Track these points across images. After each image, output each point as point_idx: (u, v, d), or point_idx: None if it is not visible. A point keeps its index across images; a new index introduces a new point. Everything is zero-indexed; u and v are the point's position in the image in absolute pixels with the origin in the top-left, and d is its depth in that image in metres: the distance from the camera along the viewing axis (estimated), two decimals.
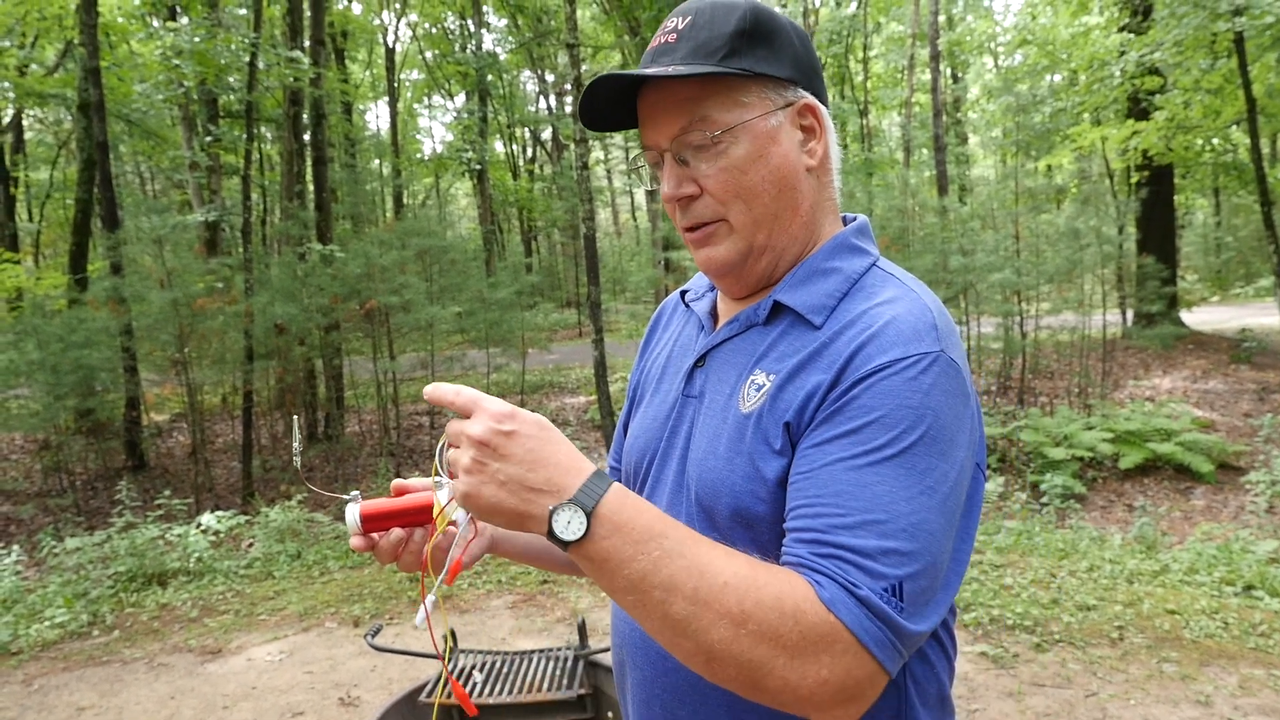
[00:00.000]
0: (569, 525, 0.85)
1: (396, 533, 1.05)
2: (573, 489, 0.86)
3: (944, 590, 0.90)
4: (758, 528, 0.97)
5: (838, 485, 0.88)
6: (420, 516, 1.06)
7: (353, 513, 1.04)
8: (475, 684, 2.97)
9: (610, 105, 1.07)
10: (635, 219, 37.13)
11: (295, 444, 1.16)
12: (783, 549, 0.91)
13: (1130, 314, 13.28)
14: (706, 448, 1.03)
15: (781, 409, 0.96)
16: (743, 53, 1.00)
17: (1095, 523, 6.81)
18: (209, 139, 13.14)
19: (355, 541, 1.05)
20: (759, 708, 0.97)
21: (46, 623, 5.25)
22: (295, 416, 1.15)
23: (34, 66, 16.42)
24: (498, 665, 3.11)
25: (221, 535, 6.82)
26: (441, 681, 2.99)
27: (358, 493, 1.07)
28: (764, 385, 1.00)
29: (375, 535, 1.05)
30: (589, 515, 0.85)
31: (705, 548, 0.87)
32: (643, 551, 0.85)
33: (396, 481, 1.09)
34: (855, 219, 1.13)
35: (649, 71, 0.99)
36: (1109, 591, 4.80)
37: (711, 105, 1.01)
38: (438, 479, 1.08)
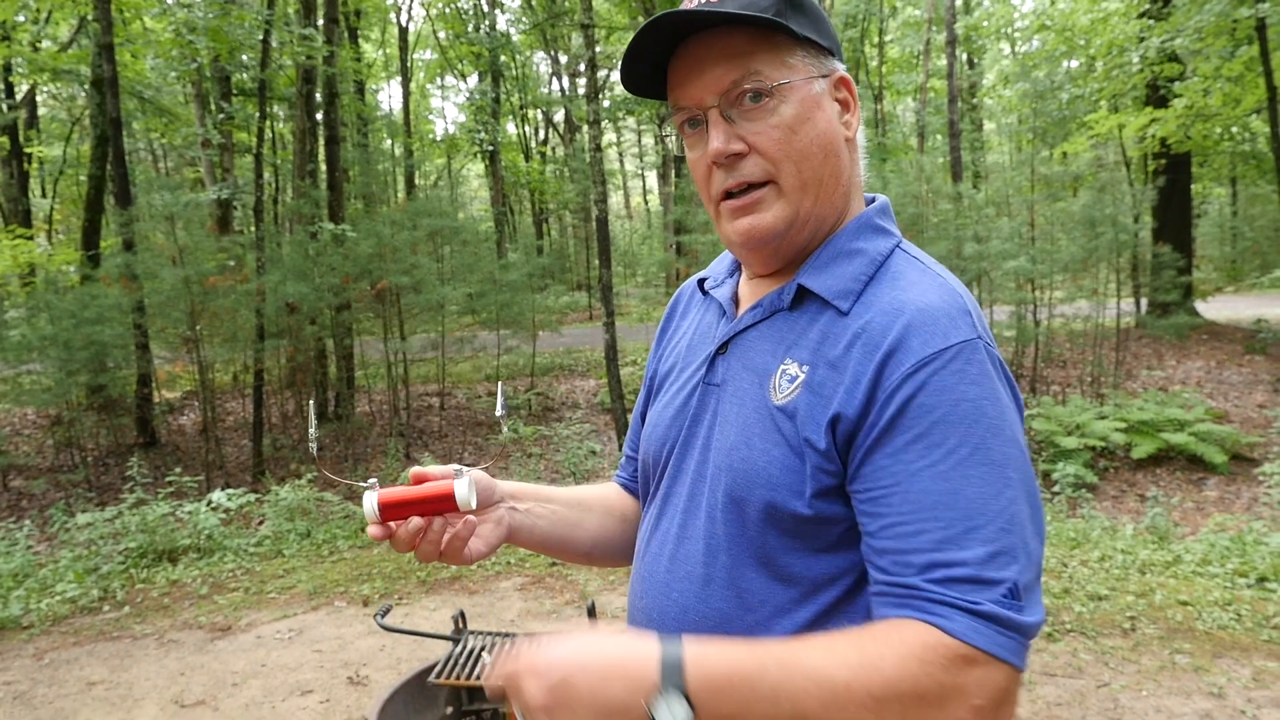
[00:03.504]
0: (674, 713, 0.82)
1: (415, 521, 1.03)
2: (653, 678, 0.83)
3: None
4: (789, 523, 0.95)
5: (929, 497, 0.87)
6: (440, 505, 1.04)
7: (371, 501, 1.02)
8: (485, 665, 2.96)
9: (659, 57, 1.03)
10: (647, 202, 37.02)
11: (311, 429, 1.14)
12: (884, 572, 0.89)
13: (1145, 303, 13.18)
14: (737, 438, 1.00)
15: (821, 405, 0.94)
16: (788, 16, 0.97)
17: (1107, 512, 6.77)
18: (221, 116, 13.11)
19: (373, 530, 1.03)
20: None
21: (57, 597, 5.29)
22: (310, 401, 1.14)
23: (48, 42, 16.40)
24: (508, 647, 3.10)
25: (232, 513, 6.85)
26: (451, 662, 2.99)
27: (375, 480, 1.05)
28: (798, 377, 0.97)
29: (393, 524, 1.03)
30: (685, 693, 0.82)
31: (804, 655, 0.84)
32: (756, 695, 0.83)
33: (415, 469, 1.07)
34: (876, 199, 1.11)
35: (717, 6, 0.95)
36: (1121, 582, 4.78)
37: (763, 61, 0.98)
38: (458, 467, 1.06)
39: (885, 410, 0.89)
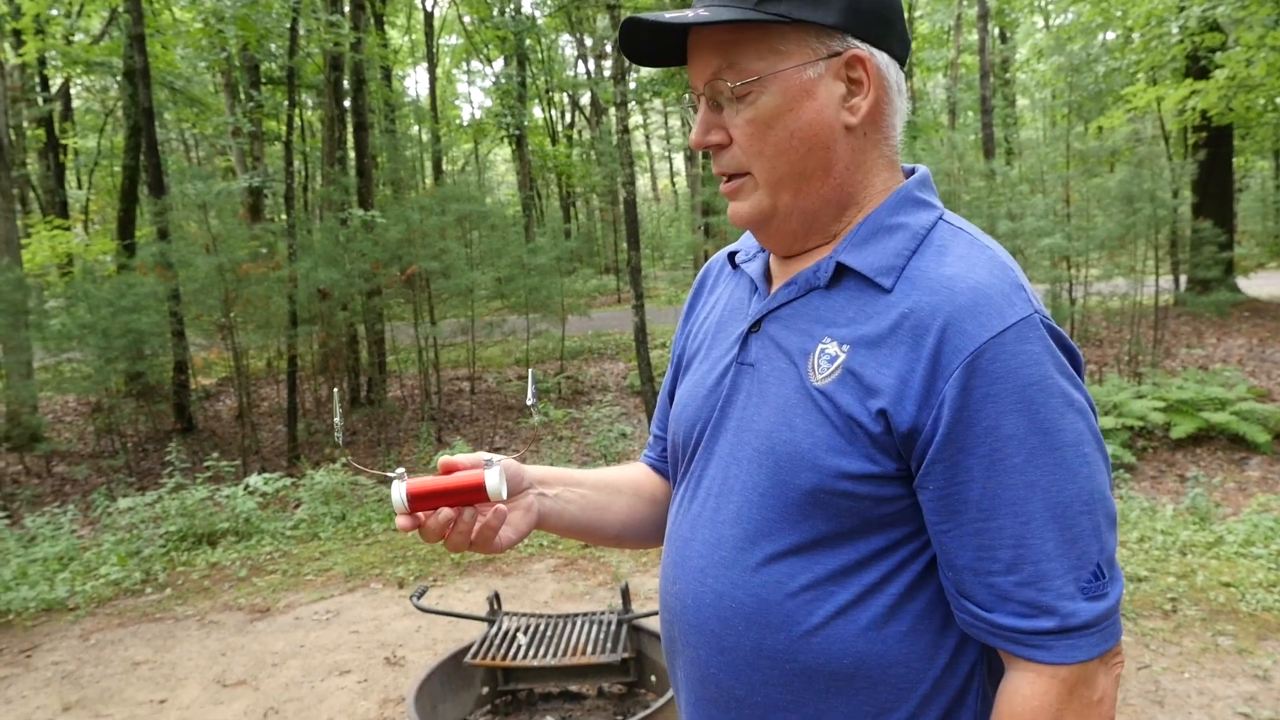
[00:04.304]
0: None
1: (445, 512, 1.02)
2: None
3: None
4: (835, 505, 0.93)
5: (1007, 492, 0.87)
6: (470, 495, 1.02)
7: (399, 491, 1.00)
8: (520, 646, 2.98)
9: (653, 40, 1.02)
10: (674, 184, 36.86)
11: (336, 418, 1.13)
12: (967, 597, 0.92)
13: (1184, 280, 12.91)
14: (777, 420, 0.97)
15: (867, 388, 0.91)
16: None
17: (1146, 493, 6.66)
18: (251, 105, 13.21)
19: (402, 521, 1.02)
20: (816, 686, 0.95)
21: (101, 579, 5.40)
22: (335, 390, 1.13)
23: (80, 35, 16.61)
24: (542, 628, 3.12)
25: (268, 497, 6.94)
26: (487, 643, 3.01)
27: (403, 470, 1.04)
28: (838, 357, 0.94)
29: (422, 515, 1.02)
30: None
31: None
32: None
33: (444, 459, 1.05)
34: (915, 170, 1.06)
35: (666, 18, 0.93)
36: (1161, 563, 4.70)
37: (744, 51, 0.95)
38: (488, 456, 1.04)
39: (947, 405, 0.87)
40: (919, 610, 0.94)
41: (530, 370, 1.26)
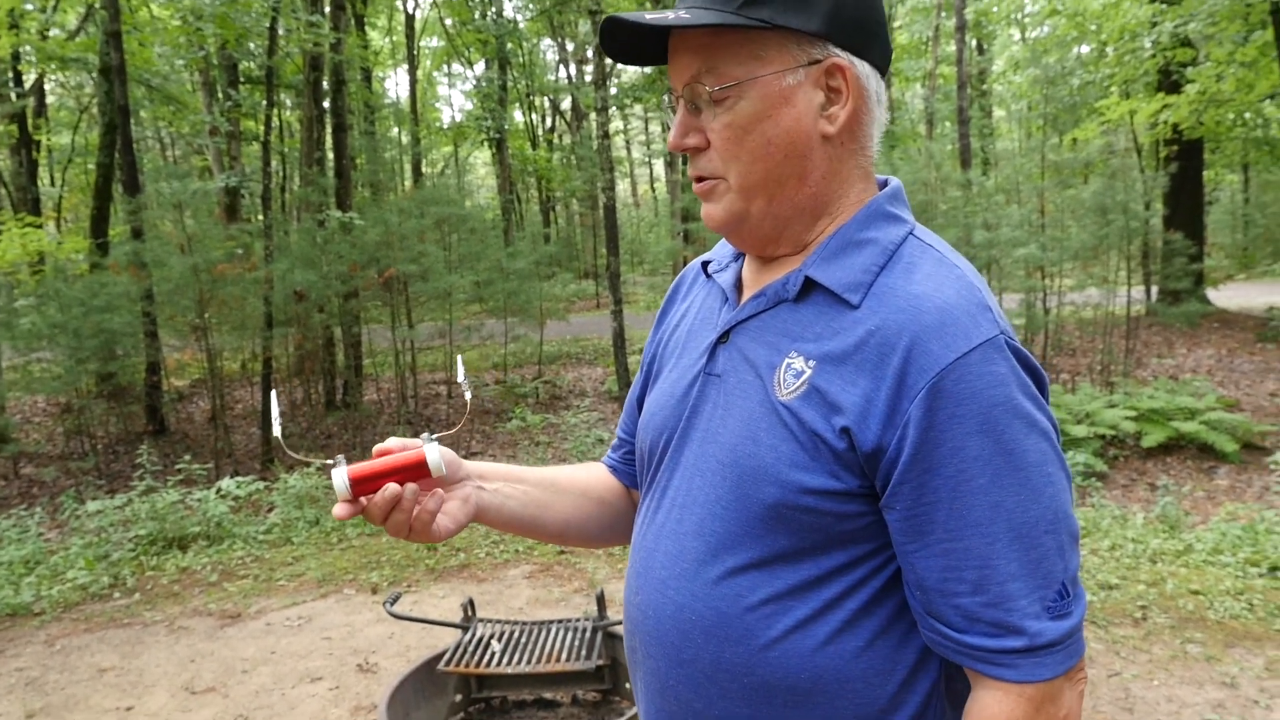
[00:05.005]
0: None
1: (391, 488, 1.02)
2: None
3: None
4: (797, 520, 0.93)
5: (972, 513, 0.87)
6: (412, 473, 1.03)
7: (340, 476, 1.01)
8: (494, 653, 2.97)
9: (634, 40, 1.01)
10: (654, 190, 36.91)
11: (274, 414, 1.14)
12: (936, 617, 0.92)
13: (1155, 290, 13.10)
14: (742, 433, 0.97)
15: (831, 405, 0.91)
16: (767, 1, 0.92)
17: (1117, 501, 6.74)
18: (229, 104, 13.11)
19: (340, 509, 1.01)
20: (775, 700, 0.95)
21: (68, 584, 5.31)
22: (274, 391, 1.13)
23: (56, 30, 16.38)
24: (516, 635, 3.11)
25: (241, 500, 6.87)
26: (460, 650, 3.00)
27: (342, 457, 1.04)
28: (804, 372, 0.94)
29: (364, 498, 1.03)
30: None
31: None
32: None
33: (379, 446, 1.06)
34: (888, 182, 1.05)
35: (647, 19, 0.93)
36: (1131, 571, 4.76)
37: (724, 56, 0.94)
38: (427, 435, 1.05)
39: (912, 426, 0.87)
40: (876, 626, 0.94)
41: (460, 357, 1.28)
